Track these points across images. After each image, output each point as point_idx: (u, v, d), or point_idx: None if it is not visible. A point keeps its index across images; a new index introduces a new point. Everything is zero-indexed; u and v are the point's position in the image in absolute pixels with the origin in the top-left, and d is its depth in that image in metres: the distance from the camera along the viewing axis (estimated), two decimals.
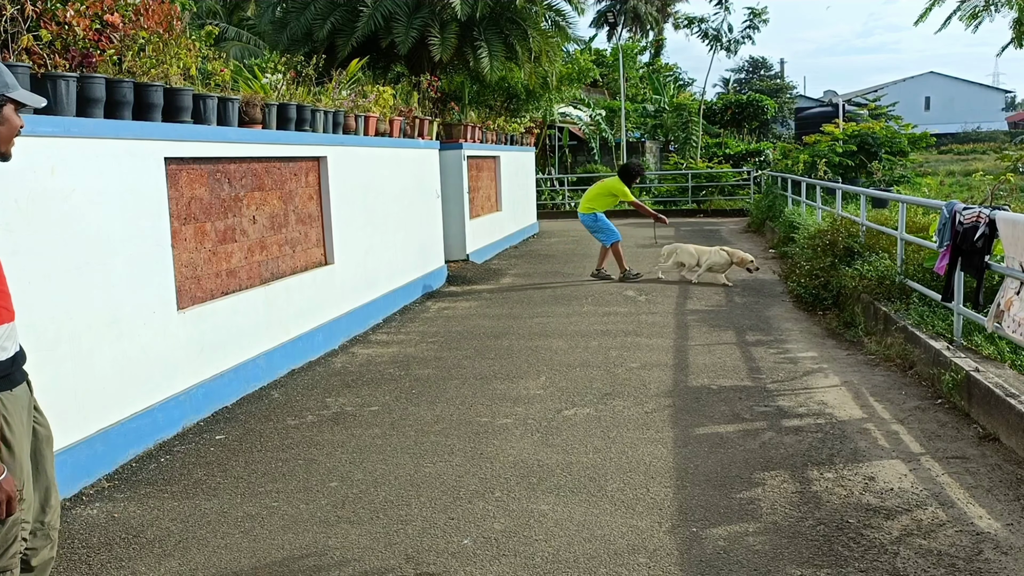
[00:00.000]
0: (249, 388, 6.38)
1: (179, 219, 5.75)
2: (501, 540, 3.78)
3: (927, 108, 63.55)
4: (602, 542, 3.72)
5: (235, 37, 23.94)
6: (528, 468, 4.62)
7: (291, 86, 8.02)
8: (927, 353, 6.00)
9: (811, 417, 5.33)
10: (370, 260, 8.93)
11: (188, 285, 5.84)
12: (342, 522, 4.03)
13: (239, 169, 6.53)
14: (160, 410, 5.33)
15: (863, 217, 9.25)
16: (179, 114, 5.76)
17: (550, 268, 12.88)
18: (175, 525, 4.06)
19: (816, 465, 4.52)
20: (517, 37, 14.47)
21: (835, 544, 3.61)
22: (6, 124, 2.41)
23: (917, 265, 7.44)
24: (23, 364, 2.57)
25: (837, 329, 7.82)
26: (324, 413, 5.80)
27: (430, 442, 5.10)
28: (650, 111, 29.40)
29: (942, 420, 5.18)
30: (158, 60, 5.59)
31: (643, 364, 6.78)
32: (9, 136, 2.44)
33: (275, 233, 7.08)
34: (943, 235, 6.22)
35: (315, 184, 7.84)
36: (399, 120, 10.32)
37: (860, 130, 18.29)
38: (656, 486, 4.31)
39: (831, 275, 8.68)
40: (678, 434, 5.09)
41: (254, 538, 3.89)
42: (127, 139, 5.13)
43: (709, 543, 3.67)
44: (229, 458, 4.98)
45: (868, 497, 4.09)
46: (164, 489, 4.53)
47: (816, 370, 6.47)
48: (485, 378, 6.53)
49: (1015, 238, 5.20)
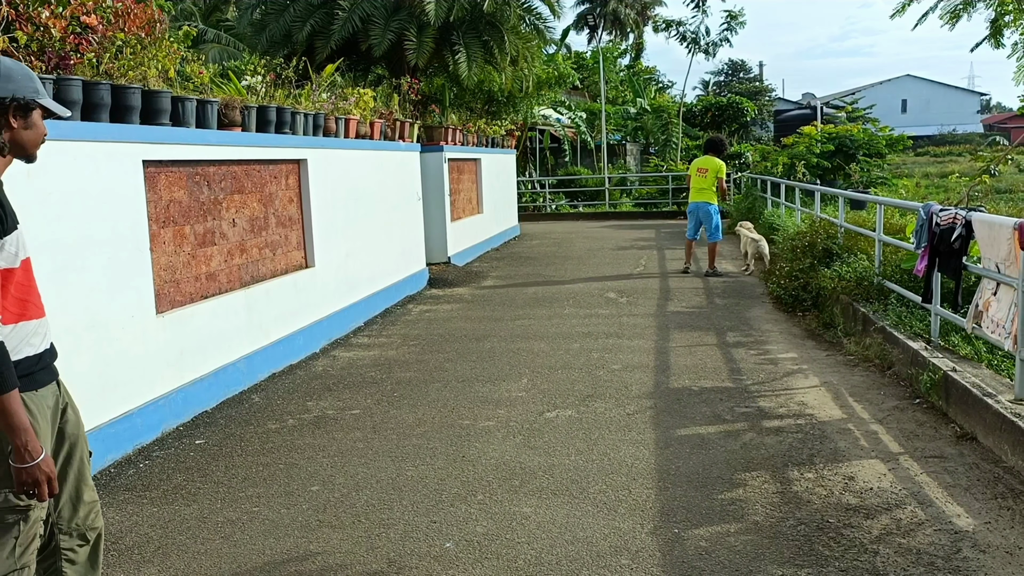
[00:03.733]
0: (229, 392, 6.33)
1: (158, 222, 5.71)
2: (484, 543, 3.77)
3: (904, 111, 64.15)
4: (585, 544, 3.72)
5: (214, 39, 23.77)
6: (510, 470, 4.62)
7: (271, 88, 7.99)
8: (905, 353, 6.05)
9: (791, 418, 5.37)
10: (351, 263, 8.90)
11: (167, 289, 5.80)
12: (323, 526, 4.01)
13: (218, 172, 6.49)
14: (139, 415, 5.28)
15: (842, 219, 9.33)
16: (157, 116, 5.72)
17: (532, 270, 12.89)
18: (154, 531, 4.03)
19: (796, 465, 4.55)
20: (495, 40, 14.47)
21: (816, 544, 3.64)
22: (34, 128, 2.51)
23: (895, 266, 7.51)
24: (52, 362, 2.60)
25: (817, 330, 7.88)
26: (305, 417, 5.77)
27: (412, 445, 5.09)
28: (631, 113, 29.49)
29: (920, 420, 5.23)
30: (136, 62, 5.55)
31: (625, 366, 6.80)
32: (36, 140, 2.54)
33: (255, 236, 7.04)
34: (920, 237, 6.28)
35: (295, 187, 7.81)
36: (380, 123, 10.29)
37: (838, 132, 18.46)
38: (638, 487, 4.32)
39: (810, 276, 8.74)
40: (660, 435, 5.10)
41: (234, 544, 3.86)
42: (105, 142, 5.09)
43: (691, 544, 3.68)
44: (209, 463, 4.94)
45: (848, 497, 4.11)
46: (143, 495, 4.49)
47: (796, 371, 6.51)
48: (467, 381, 6.52)
49: (991, 239, 5.26)
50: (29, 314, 2.48)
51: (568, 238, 17.54)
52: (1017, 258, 4.81)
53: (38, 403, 2.50)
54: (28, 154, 2.54)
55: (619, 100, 32.52)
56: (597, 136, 27.96)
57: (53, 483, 2.42)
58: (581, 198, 25.32)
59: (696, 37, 27.06)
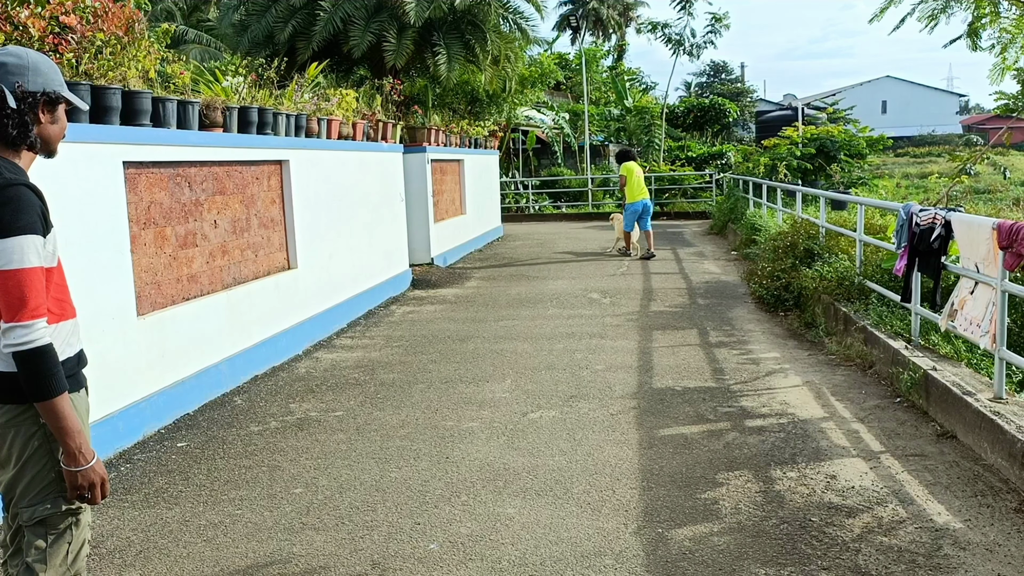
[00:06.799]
0: (211, 394, 6.29)
1: (138, 224, 5.67)
2: (468, 544, 3.77)
3: (884, 111, 64.63)
4: (569, 544, 3.72)
5: (195, 40, 23.64)
6: (494, 471, 4.62)
7: (252, 89, 7.94)
8: (886, 353, 6.10)
9: (774, 417, 5.40)
10: (334, 264, 8.87)
11: (148, 291, 5.76)
12: (307, 529, 3.99)
13: (200, 173, 6.45)
14: (120, 418, 5.24)
15: (823, 219, 9.39)
16: (138, 117, 5.68)
17: (515, 271, 12.89)
18: (136, 535, 4.00)
19: (779, 464, 4.57)
20: (477, 40, 14.47)
21: (798, 542, 3.66)
22: (59, 123, 2.48)
23: (876, 266, 7.57)
24: (85, 367, 2.56)
25: (798, 330, 7.92)
26: (288, 419, 5.74)
27: (395, 447, 5.08)
28: (614, 115, 29.57)
29: (901, 418, 5.27)
30: (116, 63, 5.51)
31: (608, 366, 6.81)
32: (60, 135, 2.51)
33: (237, 238, 7.01)
34: (900, 236, 6.33)
35: (277, 188, 7.78)
36: (362, 123, 10.26)
37: (819, 133, 18.57)
38: (622, 488, 4.33)
39: (792, 276, 8.79)
40: (643, 436, 5.12)
41: (217, 547, 3.84)
42: (85, 143, 5.04)
43: (674, 544, 3.70)
44: (191, 466, 4.91)
45: (830, 495, 4.14)
46: (124, 498, 4.45)
47: (778, 370, 6.55)
48: (450, 382, 6.51)
49: (970, 239, 5.31)
50: (67, 314, 2.46)
51: (551, 239, 17.56)
52: (995, 257, 4.85)
53: (81, 404, 2.47)
54: (51, 149, 2.50)
55: (602, 101, 32.59)
56: (580, 137, 28.01)
57: (106, 486, 2.38)
58: (564, 199, 25.35)
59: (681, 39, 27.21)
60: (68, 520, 2.44)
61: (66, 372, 2.34)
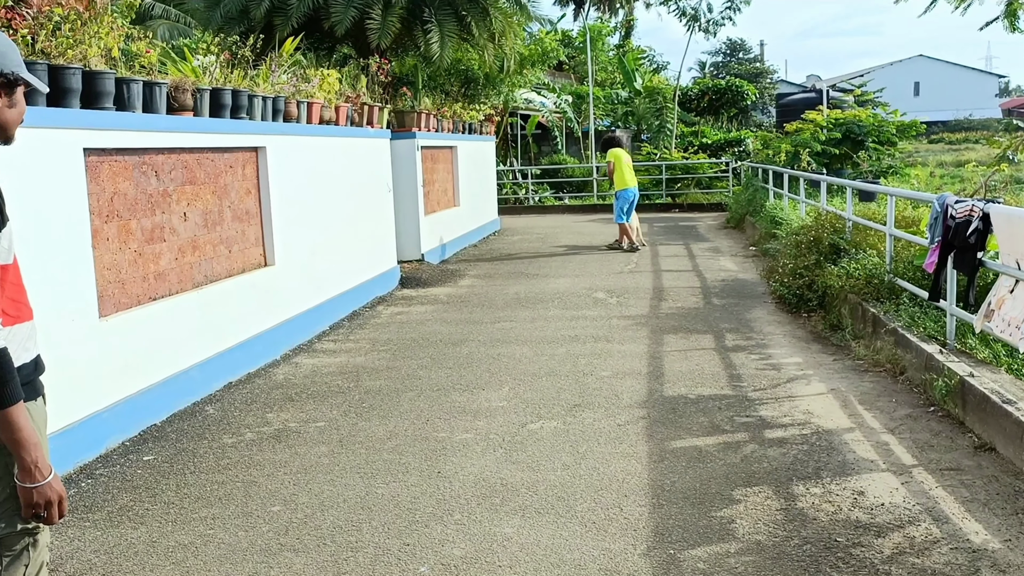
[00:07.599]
0: (181, 403, 6.30)
1: (101, 216, 5.66)
2: (461, 567, 3.77)
3: (916, 94, 64.70)
4: (572, 567, 3.73)
5: (162, 15, 23.64)
6: (490, 487, 4.62)
7: (225, 69, 7.94)
8: (918, 357, 6.11)
9: (796, 428, 5.40)
10: (315, 261, 8.88)
11: (111, 290, 5.76)
12: (285, 550, 3.99)
13: (168, 161, 6.45)
14: (81, 429, 5.24)
15: (849, 211, 9.40)
16: (100, 100, 5.68)
17: (513, 268, 12.90)
18: (98, 557, 4.00)
19: (802, 479, 4.58)
20: (475, 16, 14.46)
21: (823, 564, 3.66)
22: (17, 107, 2.44)
23: (907, 263, 7.58)
24: (43, 373, 2.54)
25: (823, 332, 7.93)
26: (265, 430, 5.75)
27: (382, 460, 5.08)
28: (621, 97, 29.55)
29: (935, 429, 5.28)
30: (76, 40, 5.50)
31: (615, 372, 6.82)
32: (19, 120, 2.47)
33: (209, 232, 7.01)
34: (934, 230, 6.34)
35: (253, 177, 7.78)
36: (346, 107, 10.27)
37: (845, 118, 18.59)
38: (630, 505, 4.33)
39: (816, 274, 8.80)
40: (653, 448, 5.12)
41: (187, 570, 3.84)
42: (41, 128, 5.04)
43: (688, 566, 3.70)
44: (159, 481, 4.91)
45: (857, 513, 4.15)
46: (85, 517, 4.45)
47: (801, 377, 6.56)
48: (443, 389, 6.52)
49: (1011, 233, 5.31)
50: (24, 316, 2.43)
51: (553, 233, 17.58)
52: None
53: (38, 414, 2.44)
54: (8, 135, 2.46)
55: (608, 83, 32.58)
56: (584, 122, 28.00)
57: (64, 503, 2.36)
58: (567, 189, 25.37)
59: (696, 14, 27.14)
60: (25, 541, 2.42)
61: (22, 379, 2.31)
